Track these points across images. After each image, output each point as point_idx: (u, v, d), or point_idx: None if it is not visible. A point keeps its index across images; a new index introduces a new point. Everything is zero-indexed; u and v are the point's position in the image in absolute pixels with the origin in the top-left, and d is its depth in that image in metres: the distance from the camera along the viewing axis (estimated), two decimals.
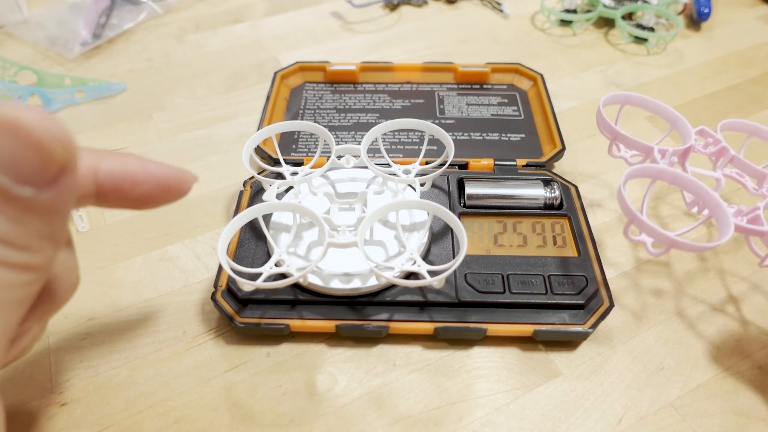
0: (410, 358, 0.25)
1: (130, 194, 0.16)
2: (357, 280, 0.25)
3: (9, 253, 0.11)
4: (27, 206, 0.11)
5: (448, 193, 0.30)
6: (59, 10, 0.47)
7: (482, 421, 0.23)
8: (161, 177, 0.16)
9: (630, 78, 0.42)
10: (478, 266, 0.26)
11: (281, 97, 0.37)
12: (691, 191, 0.24)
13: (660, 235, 0.21)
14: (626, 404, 0.23)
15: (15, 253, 0.11)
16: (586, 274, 0.26)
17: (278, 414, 0.23)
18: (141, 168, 0.16)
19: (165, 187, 0.16)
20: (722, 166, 0.27)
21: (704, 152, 0.27)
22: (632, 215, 0.22)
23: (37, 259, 0.12)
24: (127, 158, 0.16)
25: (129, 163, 0.16)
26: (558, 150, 0.32)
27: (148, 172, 0.16)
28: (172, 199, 0.17)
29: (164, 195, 0.17)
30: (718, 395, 0.24)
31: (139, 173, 0.16)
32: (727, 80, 0.41)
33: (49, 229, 0.11)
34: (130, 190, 0.16)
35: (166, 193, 0.17)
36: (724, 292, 0.28)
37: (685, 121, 0.27)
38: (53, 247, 0.12)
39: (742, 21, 0.48)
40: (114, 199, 0.16)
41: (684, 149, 0.26)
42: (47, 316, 0.17)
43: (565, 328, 0.24)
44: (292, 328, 0.25)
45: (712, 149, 0.27)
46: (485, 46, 0.45)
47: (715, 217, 0.23)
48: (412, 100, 0.37)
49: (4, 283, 0.11)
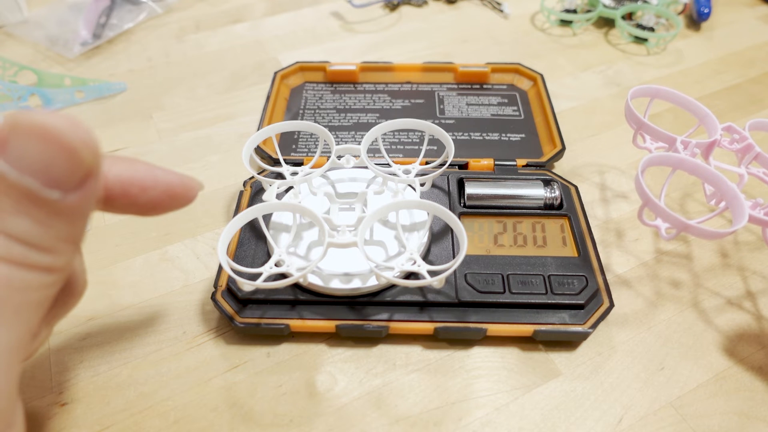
0: (410, 358, 0.25)
1: (137, 200, 0.16)
2: (357, 280, 0.25)
3: (34, 255, 0.11)
4: (53, 209, 0.11)
5: (448, 193, 0.30)
6: (59, 10, 0.47)
7: (482, 421, 0.23)
8: (169, 184, 0.17)
9: (630, 78, 0.42)
10: (478, 266, 0.26)
11: (281, 97, 0.37)
12: (710, 182, 0.24)
13: (672, 218, 0.22)
14: (626, 404, 0.23)
15: (39, 255, 0.11)
16: (586, 274, 0.26)
17: (278, 414, 0.23)
18: (149, 174, 0.16)
19: (172, 194, 0.17)
20: (747, 162, 0.27)
21: (730, 148, 0.27)
22: (647, 198, 0.22)
23: (59, 261, 0.12)
24: (135, 164, 0.16)
25: (137, 168, 0.16)
26: (558, 150, 0.32)
27: (156, 178, 0.16)
28: (179, 206, 0.17)
29: (171, 202, 0.17)
30: (718, 395, 0.24)
31: (147, 179, 0.16)
32: (727, 80, 0.41)
33: (72, 231, 0.12)
34: (137, 196, 0.16)
35: (173, 200, 0.17)
36: (724, 293, 0.28)
37: (713, 117, 0.27)
38: (74, 250, 0.12)
39: (742, 21, 0.48)
40: (121, 204, 0.16)
41: (709, 143, 0.26)
42: (56, 319, 0.17)
43: (565, 328, 0.24)
44: (292, 328, 0.25)
45: (737, 146, 0.27)
46: (485, 46, 0.45)
47: (730, 208, 0.23)
48: (412, 100, 0.37)
49: (28, 285, 0.11)
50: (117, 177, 0.15)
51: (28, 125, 0.10)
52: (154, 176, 0.16)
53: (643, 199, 0.23)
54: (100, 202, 0.15)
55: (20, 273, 0.11)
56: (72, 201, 0.11)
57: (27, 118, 0.10)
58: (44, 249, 0.11)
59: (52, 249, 0.11)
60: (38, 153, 0.10)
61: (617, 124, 0.37)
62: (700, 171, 0.24)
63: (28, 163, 0.10)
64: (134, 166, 0.16)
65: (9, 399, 0.13)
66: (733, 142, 0.27)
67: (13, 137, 0.10)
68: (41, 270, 0.11)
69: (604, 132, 0.37)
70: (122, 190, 0.16)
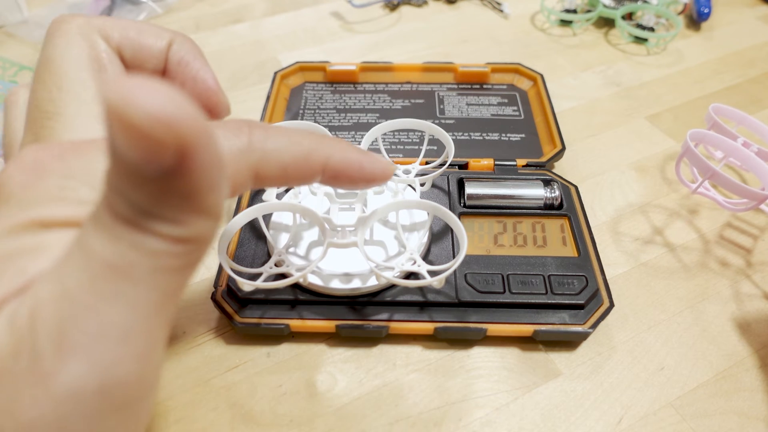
0: (410, 358, 0.25)
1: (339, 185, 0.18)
2: (357, 280, 0.25)
3: (157, 224, 0.11)
4: (162, 184, 0.11)
5: (448, 193, 0.30)
6: (59, 10, 0.47)
7: (482, 421, 0.23)
8: (372, 173, 0.18)
9: (630, 78, 0.42)
10: (478, 266, 0.26)
11: (281, 97, 0.37)
12: (758, 174, 0.25)
13: (702, 164, 0.24)
14: (626, 404, 0.23)
15: (163, 225, 0.11)
16: (586, 274, 0.26)
17: (278, 414, 0.23)
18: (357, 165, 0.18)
19: (370, 182, 0.18)
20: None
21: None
22: (686, 147, 0.25)
23: (187, 232, 0.12)
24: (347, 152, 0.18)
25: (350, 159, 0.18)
26: (558, 150, 0.32)
27: (363, 169, 0.18)
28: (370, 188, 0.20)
29: (366, 186, 0.19)
30: (718, 395, 0.24)
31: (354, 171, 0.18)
32: (727, 80, 0.41)
33: (195, 204, 0.11)
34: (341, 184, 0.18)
35: (368, 185, 0.19)
36: (724, 292, 0.28)
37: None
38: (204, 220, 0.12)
39: (742, 21, 0.48)
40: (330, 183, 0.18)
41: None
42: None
43: (565, 328, 0.24)
44: (292, 328, 0.25)
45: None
46: (485, 46, 0.45)
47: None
48: (412, 100, 0.37)
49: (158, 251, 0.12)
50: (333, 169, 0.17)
51: (107, 103, 0.10)
52: (361, 167, 0.18)
53: (683, 148, 0.25)
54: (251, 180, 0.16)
55: (148, 239, 0.11)
56: (176, 177, 0.11)
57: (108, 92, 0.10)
58: (166, 219, 0.11)
59: (175, 220, 0.11)
60: (122, 132, 0.10)
61: (617, 124, 0.37)
62: (750, 162, 0.25)
63: (121, 140, 0.10)
64: (347, 156, 0.18)
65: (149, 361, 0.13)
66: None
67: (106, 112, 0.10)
68: (169, 239, 0.12)
69: (604, 132, 0.37)
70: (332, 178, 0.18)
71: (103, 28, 0.19)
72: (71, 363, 0.11)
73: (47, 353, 0.11)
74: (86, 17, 0.18)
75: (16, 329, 0.12)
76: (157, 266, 0.12)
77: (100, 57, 0.18)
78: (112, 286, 0.12)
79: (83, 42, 0.18)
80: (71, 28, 0.18)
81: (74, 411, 0.12)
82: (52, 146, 0.15)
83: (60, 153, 0.14)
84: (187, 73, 0.20)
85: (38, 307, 0.12)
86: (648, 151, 0.35)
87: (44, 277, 0.12)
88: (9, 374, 0.11)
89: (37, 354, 0.11)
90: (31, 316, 0.12)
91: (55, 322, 0.11)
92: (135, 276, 0.12)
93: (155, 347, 0.13)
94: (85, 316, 0.11)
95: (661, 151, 0.35)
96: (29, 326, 0.12)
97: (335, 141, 0.18)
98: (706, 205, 0.32)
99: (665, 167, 0.34)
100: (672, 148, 0.35)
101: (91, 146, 0.15)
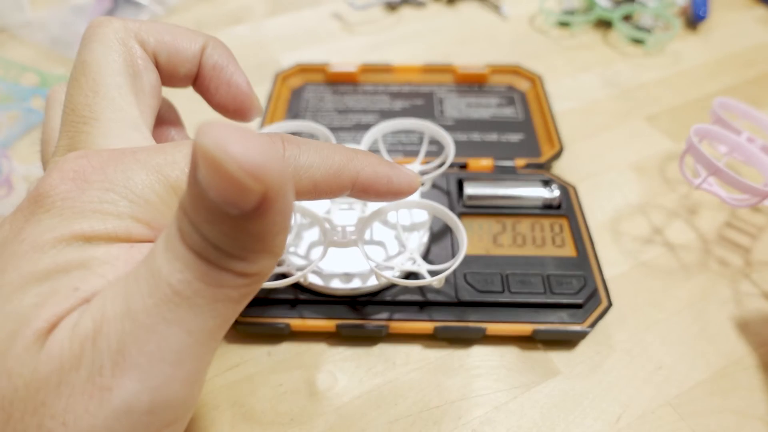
0: (410, 357, 0.25)
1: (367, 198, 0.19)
2: (357, 280, 0.25)
3: (224, 259, 0.12)
4: (236, 224, 0.12)
5: (448, 193, 0.30)
6: (62, 11, 0.48)
7: (482, 419, 0.23)
8: (400, 187, 0.19)
9: (628, 79, 0.42)
10: (477, 266, 0.26)
11: (282, 98, 0.38)
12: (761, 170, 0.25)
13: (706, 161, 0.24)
14: (625, 403, 0.23)
15: (229, 260, 0.12)
16: (584, 273, 0.26)
17: (279, 413, 0.23)
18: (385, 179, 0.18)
19: (397, 195, 0.19)
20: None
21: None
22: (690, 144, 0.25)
23: (251, 268, 0.13)
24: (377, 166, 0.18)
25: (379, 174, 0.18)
26: (557, 150, 0.33)
27: (391, 183, 0.19)
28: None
29: (393, 199, 0.19)
30: (716, 394, 0.24)
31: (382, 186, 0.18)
32: (725, 81, 0.42)
33: (261, 245, 0.12)
34: (369, 197, 0.19)
35: (395, 198, 0.19)
36: (722, 292, 0.28)
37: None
38: (268, 258, 0.13)
39: (740, 22, 0.48)
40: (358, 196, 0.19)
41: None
42: None
43: (564, 327, 0.24)
44: (292, 327, 0.25)
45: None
46: (484, 47, 0.46)
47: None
48: (412, 101, 0.38)
49: (222, 283, 0.12)
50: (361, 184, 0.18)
51: (198, 147, 0.11)
52: (390, 181, 0.19)
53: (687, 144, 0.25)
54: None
55: (214, 272, 0.12)
56: (252, 219, 0.11)
57: (201, 137, 0.10)
58: (234, 256, 0.12)
59: (243, 257, 0.12)
60: (209, 175, 0.11)
61: (616, 125, 0.38)
62: (753, 159, 0.25)
63: (207, 181, 0.11)
64: (377, 171, 0.18)
65: (196, 384, 0.14)
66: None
67: (195, 153, 0.11)
68: (234, 273, 0.12)
69: (602, 133, 0.37)
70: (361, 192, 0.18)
71: (139, 33, 0.19)
72: (127, 380, 0.12)
73: (107, 368, 0.12)
74: (123, 21, 0.18)
75: (79, 342, 0.12)
76: (220, 297, 0.13)
77: (135, 63, 0.18)
78: (174, 311, 0.12)
79: (120, 47, 0.18)
80: (108, 33, 0.18)
81: (124, 426, 0.12)
82: (92, 156, 0.15)
83: (101, 164, 0.15)
84: (222, 77, 0.20)
85: (103, 323, 0.12)
86: (646, 151, 0.35)
87: (109, 293, 0.13)
88: (68, 384, 0.12)
89: (96, 368, 0.12)
90: (95, 329, 0.12)
91: (117, 340, 0.12)
92: (198, 304, 0.12)
93: (203, 372, 0.14)
94: (146, 337, 0.12)
95: (660, 151, 0.35)
96: (93, 340, 0.12)
97: (365, 155, 0.18)
98: (704, 204, 0.32)
99: (664, 167, 0.34)
100: (670, 149, 0.36)
101: (131, 158, 0.15)
